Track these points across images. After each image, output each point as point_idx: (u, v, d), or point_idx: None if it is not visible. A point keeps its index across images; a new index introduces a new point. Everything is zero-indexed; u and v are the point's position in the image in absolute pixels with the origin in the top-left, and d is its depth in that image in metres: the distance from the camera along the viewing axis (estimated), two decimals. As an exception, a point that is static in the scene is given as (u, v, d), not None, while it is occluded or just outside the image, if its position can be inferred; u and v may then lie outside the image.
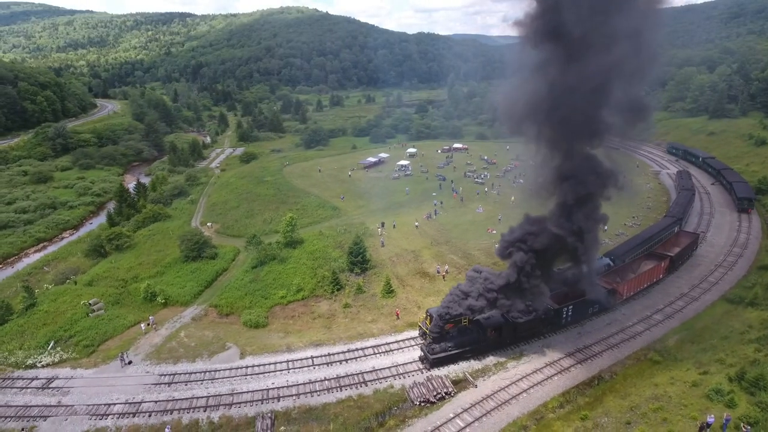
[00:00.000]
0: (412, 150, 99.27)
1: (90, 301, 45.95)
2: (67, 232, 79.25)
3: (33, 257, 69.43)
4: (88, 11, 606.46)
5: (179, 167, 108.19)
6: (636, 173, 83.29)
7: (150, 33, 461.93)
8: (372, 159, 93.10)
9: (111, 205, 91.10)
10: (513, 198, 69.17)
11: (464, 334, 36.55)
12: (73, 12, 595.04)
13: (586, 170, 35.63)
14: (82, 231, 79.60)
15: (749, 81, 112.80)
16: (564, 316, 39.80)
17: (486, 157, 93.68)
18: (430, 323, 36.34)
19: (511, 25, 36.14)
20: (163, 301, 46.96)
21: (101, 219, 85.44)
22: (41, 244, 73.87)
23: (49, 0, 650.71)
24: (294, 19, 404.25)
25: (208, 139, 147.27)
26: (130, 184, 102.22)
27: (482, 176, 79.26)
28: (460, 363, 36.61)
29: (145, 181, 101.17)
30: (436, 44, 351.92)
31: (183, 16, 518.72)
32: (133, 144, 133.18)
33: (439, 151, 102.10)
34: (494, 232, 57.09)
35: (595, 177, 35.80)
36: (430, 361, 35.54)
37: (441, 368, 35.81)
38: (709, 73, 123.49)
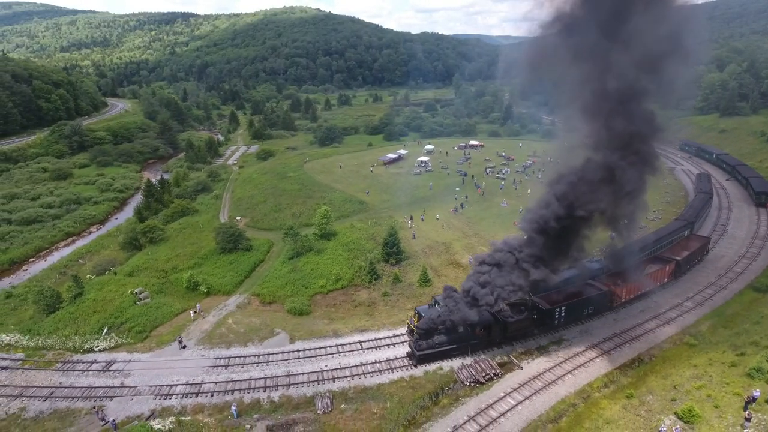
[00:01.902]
0: (429, 147, 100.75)
1: (136, 290, 47.33)
2: (94, 226, 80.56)
3: (63, 251, 70.79)
4: (90, 11, 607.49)
5: (197, 164, 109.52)
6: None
7: (153, 33, 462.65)
8: (392, 155, 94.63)
9: (135, 200, 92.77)
10: (529, 190, 70.92)
11: (452, 332, 36.31)
12: (75, 12, 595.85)
13: (631, 106, 34.40)
14: (109, 226, 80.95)
15: (760, 79, 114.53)
16: (557, 316, 39.23)
17: (503, 154, 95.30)
18: (417, 321, 36.67)
19: None
20: (206, 290, 48.31)
21: (125, 214, 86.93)
22: (70, 238, 75.21)
23: (51, 0, 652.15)
24: (298, 18, 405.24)
25: (221, 137, 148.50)
26: (153, 180, 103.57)
27: (503, 172, 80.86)
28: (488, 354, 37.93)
29: (160, 178, 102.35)
30: (441, 44, 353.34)
31: (186, 16, 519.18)
32: (149, 141, 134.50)
33: (456, 148, 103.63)
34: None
35: (640, 114, 34.64)
36: (417, 357, 35.73)
37: (428, 364, 36.06)
38: (719, 72, 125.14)
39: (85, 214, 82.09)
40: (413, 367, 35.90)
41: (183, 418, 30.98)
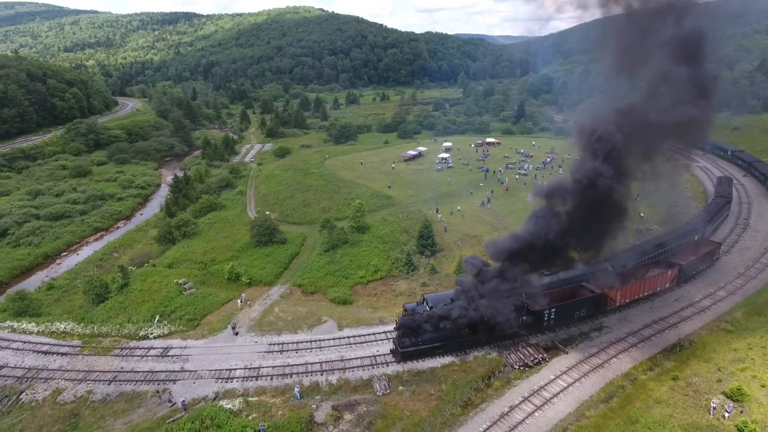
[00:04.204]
0: (447, 144, 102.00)
1: (180, 281, 48.52)
2: (121, 222, 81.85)
3: (93, 245, 72.10)
4: (92, 11, 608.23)
5: (215, 161, 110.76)
6: (668, 165, 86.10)
7: (156, 33, 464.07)
8: (412, 152, 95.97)
9: (157, 197, 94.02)
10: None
11: (437, 330, 35.82)
12: (77, 12, 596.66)
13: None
14: (135, 221, 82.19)
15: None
16: (546, 318, 38.33)
17: (522, 151, 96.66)
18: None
19: None
20: (248, 281, 49.60)
21: (149, 210, 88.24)
22: (99, 233, 76.54)
23: (53, 0, 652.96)
24: (302, 18, 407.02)
25: (235, 136, 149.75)
26: (170, 178, 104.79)
27: (524, 168, 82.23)
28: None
29: (181, 175, 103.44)
30: (445, 43, 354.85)
31: (189, 16, 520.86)
32: (164, 139, 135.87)
33: (472, 146, 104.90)
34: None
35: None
36: (400, 353, 35.60)
37: (413, 361, 35.89)
38: (729, 70, 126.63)
39: (111, 210, 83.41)
40: (397, 363, 35.82)
41: (250, 399, 32.18)
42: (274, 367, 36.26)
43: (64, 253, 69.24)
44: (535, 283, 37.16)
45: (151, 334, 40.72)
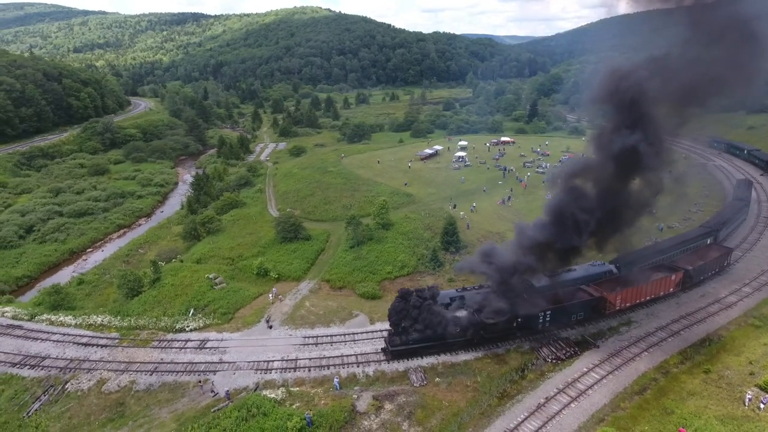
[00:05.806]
0: (463, 143, 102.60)
1: (210, 276, 49.45)
2: (142, 219, 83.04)
3: (117, 242, 73.32)
4: (101, 12, 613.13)
5: (232, 160, 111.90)
6: (684, 165, 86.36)
7: (165, 33, 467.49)
8: (429, 151, 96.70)
9: (175, 195, 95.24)
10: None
11: (429, 330, 35.59)
12: (86, 12, 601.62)
13: None
14: (156, 218, 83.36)
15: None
16: (541, 320, 38.05)
17: (539, 149, 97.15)
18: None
19: None
20: (276, 276, 50.42)
21: (168, 207, 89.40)
22: (122, 230, 77.73)
23: (61, 1, 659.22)
24: (310, 19, 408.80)
25: (249, 135, 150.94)
26: (186, 176, 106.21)
27: (543, 166, 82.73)
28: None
29: (200, 173, 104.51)
30: (453, 43, 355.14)
31: (196, 17, 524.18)
32: (179, 138, 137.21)
33: (487, 144, 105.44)
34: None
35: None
36: (390, 352, 35.89)
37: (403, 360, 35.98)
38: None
39: (132, 208, 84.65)
40: (387, 362, 35.97)
41: (292, 389, 32.98)
42: (310, 359, 37.07)
43: (89, 249, 70.48)
44: (537, 284, 37.61)
45: (188, 326, 41.61)
